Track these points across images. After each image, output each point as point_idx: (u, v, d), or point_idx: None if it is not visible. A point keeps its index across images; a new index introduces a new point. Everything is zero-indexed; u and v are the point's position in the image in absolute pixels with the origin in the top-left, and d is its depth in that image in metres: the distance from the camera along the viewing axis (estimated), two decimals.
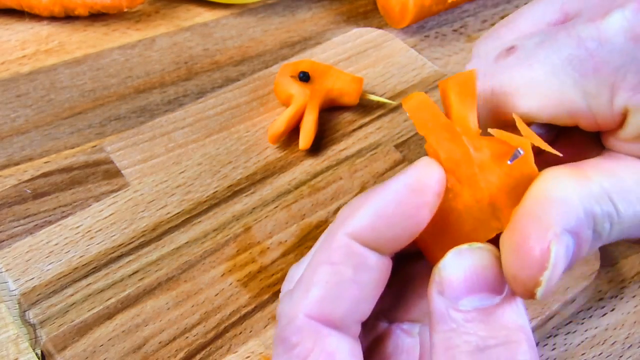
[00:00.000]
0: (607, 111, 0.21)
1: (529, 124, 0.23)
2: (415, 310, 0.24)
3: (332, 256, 0.21)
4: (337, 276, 0.20)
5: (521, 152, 0.20)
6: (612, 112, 0.21)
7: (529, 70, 0.22)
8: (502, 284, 0.20)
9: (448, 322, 0.20)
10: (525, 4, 0.25)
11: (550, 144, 0.23)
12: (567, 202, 0.20)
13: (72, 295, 0.33)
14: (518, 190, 0.21)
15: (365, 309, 0.21)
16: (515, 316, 0.20)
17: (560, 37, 0.22)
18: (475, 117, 0.22)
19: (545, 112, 0.22)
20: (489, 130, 0.22)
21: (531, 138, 0.21)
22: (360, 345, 0.22)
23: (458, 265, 0.20)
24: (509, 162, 0.21)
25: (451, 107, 0.23)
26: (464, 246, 0.20)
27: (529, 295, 0.20)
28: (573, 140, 0.25)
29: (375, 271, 0.21)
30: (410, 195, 0.20)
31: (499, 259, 0.20)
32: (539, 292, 0.19)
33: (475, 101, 0.22)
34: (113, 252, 0.35)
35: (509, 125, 0.22)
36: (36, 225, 0.36)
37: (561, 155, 0.21)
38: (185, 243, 0.36)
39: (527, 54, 0.23)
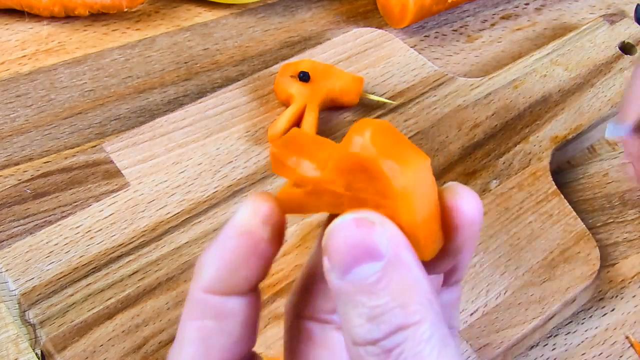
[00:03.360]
0: None
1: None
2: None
3: (193, 312, 0.22)
4: (202, 331, 0.21)
5: None
6: None
7: None
8: (381, 249, 0.19)
9: (342, 297, 0.19)
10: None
11: None
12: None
13: (72, 295, 0.33)
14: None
15: (243, 347, 0.22)
16: (403, 279, 0.19)
17: None
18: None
19: None
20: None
21: None
22: None
23: (338, 238, 0.19)
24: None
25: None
26: (345, 216, 0.19)
27: None
28: None
29: (238, 314, 0.21)
30: (237, 238, 0.21)
31: (373, 222, 0.19)
32: None
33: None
34: (113, 252, 0.35)
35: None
36: (36, 225, 0.36)
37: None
38: (185, 243, 0.36)
39: None
